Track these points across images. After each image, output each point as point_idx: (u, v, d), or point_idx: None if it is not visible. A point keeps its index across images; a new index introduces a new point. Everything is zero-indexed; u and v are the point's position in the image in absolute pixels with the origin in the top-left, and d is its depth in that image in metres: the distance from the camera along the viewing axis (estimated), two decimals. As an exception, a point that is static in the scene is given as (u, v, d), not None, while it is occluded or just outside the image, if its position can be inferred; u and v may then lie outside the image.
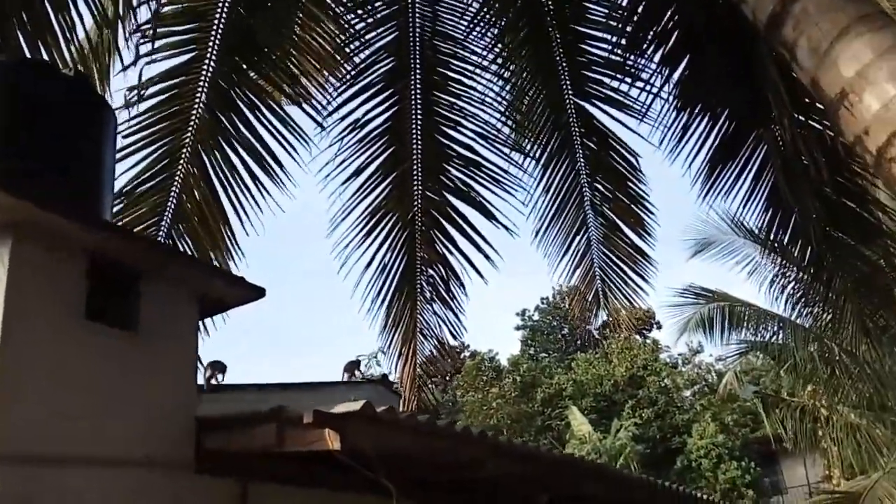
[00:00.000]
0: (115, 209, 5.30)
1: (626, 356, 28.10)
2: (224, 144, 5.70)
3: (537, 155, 7.20)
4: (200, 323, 3.97)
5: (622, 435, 19.94)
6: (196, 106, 5.59)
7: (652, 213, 7.44)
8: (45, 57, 4.36)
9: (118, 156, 5.32)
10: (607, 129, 7.10)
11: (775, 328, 13.70)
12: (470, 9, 6.40)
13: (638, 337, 33.51)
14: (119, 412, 3.11)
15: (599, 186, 7.50)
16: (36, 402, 2.87)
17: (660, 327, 32.09)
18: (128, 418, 3.13)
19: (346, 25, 5.90)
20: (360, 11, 5.89)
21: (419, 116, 6.42)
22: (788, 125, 5.58)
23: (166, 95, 5.45)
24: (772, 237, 6.31)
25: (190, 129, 5.61)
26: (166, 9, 5.19)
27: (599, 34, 6.71)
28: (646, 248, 7.60)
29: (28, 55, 4.32)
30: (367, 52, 6.04)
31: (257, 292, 3.67)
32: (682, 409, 25.77)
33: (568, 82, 7.00)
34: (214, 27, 5.51)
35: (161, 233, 5.72)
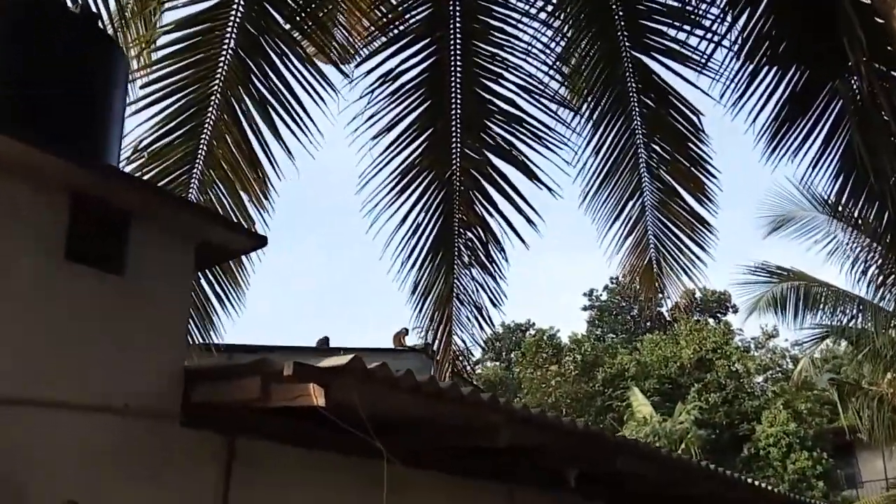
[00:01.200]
0: (140, 160, 5.19)
1: (694, 338, 27.14)
2: (254, 91, 5.48)
3: (588, 112, 6.71)
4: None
5: (684, 418, 19.21)
6: (224, 53, 5.38)
7: (714, 177, 6.87)
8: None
9: (142, 104, 5.23)
10: (667, 84, 6.55)
11: (854, 311, 12.79)
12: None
13: (711, 320, 32.42)
14: (99, 358, 2.92)
15: (657, 147, 6.96)
16: (7, 344, 2.70)
17: (735, 311, 30.89)
18: (108, 365, 2.94)
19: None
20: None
21: (458, 68, 6.02)
22: (866, 75, 4.97)
23: (191, 42, 5.25)
24: (843, 202, 5.68)
25: (218, 76, 5.41)
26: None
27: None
28: (706, 216, 7.05)
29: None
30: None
31: (258, 240, 3.44)
32: (753, 395, 24.73)
33: (625, 32, 6.47)
34: (242, -28, 5.27)
35: (193, 181, 5.57)
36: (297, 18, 5.54)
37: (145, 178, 5.11)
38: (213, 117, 5.43)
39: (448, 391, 3.35)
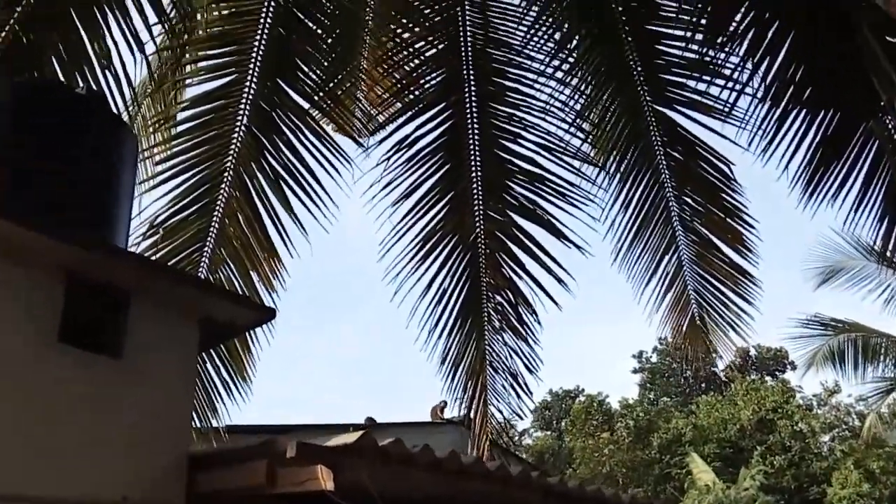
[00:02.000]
0: (155, 237, 5.17)
1: (752, 398, 25.99)
2: (267, 167, 5.47)
3: (613, 168, 6.56)
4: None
5: (749, 484, 18.17)
6: (237, 129, 5.41)
7: (752, 227, 6.60)
8: (82, 84, 4.30)
9: (156, 181, 5.25)
10: (693, 135, 6.40)
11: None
12: (527, 16, 5.96)
13: (769, 378, 31.18)
14: (93, 448, 2.76)
15: (689, 200, 6.74)
16: (-4, 435, 2.56)
17: (794, 367, 29.65)
18: (103, 455, 2.77)
19: (389, 38, 5.59)
20: (404, 21, 5.56)
21: (476, 130, 5.96)
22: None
23: (204, 119, 5.30)
24: (890, 246, 5.34)
25: (231, 152, 5.42)
26: (201, 33, 5.04)
27: (677, 31, 6.10)
28: (748, 267, 6.75)
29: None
30: (413, 63, 5.68)
31: (267, 313, 3.30)
32: (820, 456, 23.36)
33: (645, 87, 6.37)
34: (254, 49, 5.34)
35: (204, 257, 5.52)
36: (311, 92, 5.57)
37: (159, 254, 5.08)
38: (225, 194, 5.42)
39: (472, 467, 3.10)
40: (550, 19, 6.03)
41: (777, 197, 6.47)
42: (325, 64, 5.63)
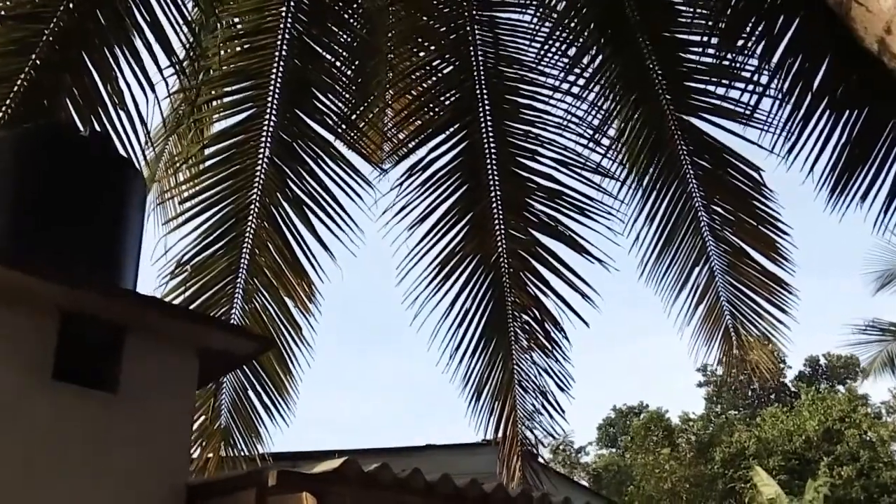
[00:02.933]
0: (183, 274, 5.31)
1: (818, 408, 25.05)
2: (291, 195, 5.59)
3: (637, 180, 6.46)
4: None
5: (811, 496, 17.46)
6: (260, 161, 5.54)
7: (786, 233, 6.41)
8: (98, 128, 4.48)
9: (182, 219, 5.40)
10: (720, 142, 6.27)
11: None
12: (540, 32, 5.95)
13: (840, 387, 30.05)
14: (88, 484, 2.83)
15: (718, 208, 6.59)
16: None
17: (866, 376, 28.44)
18: (99, 491, 2.84)
19: (403, 60, 5.65)
20: (419, 41, 5.62)
21: (493, 149, 5.96)
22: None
23: (226, 154, 5.44)
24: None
25: (256, 184, 5.55)
26: (218, 71, 5.20)
27: (695, 37, 6.01)
28: (782, 275, 6.54)
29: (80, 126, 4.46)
30: (426, 84, 5.73)
31: (264, 343, 3.36)
32: (891, 465, 22.30)
33: (667, 95, 6.27)
34: (272, 83, 5.48)
35: (237, 289, 5.65)
36: (331, 122, 5.67)
37: (189, 291, 5.22)
38: (253, 225, 5.55)
39: (468, 490, 3.07)
40: (564, 34, 6.01)
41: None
42: (346, 95, 5.73)
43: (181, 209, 5.35)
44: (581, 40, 6.03)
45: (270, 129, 5.51)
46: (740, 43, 5.37)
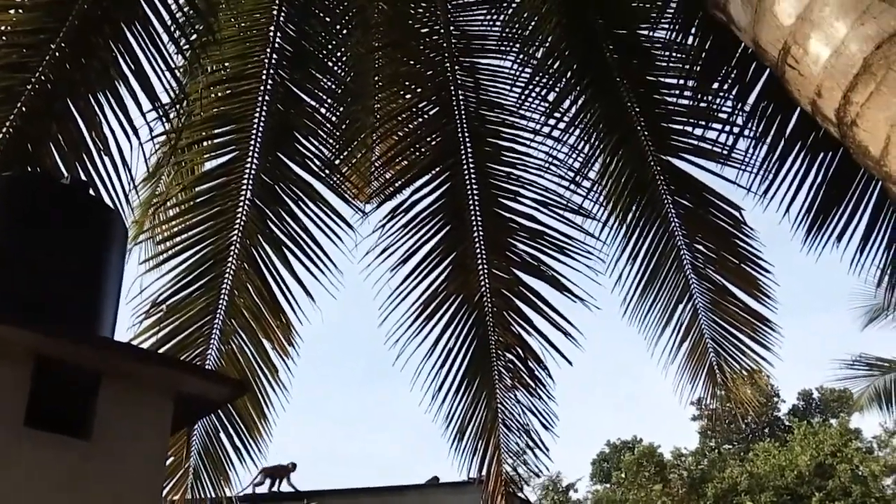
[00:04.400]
0: (158, 314, 5.31)
1: (810, 442, 24.94)
2: (272, 237, 5.62)
3: (619, 219, 6.54)
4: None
5: (804, 534, 17.30)
6: (241, 203, 5.58)
7: (767, 271, 6.49)
8: (83, 175, 4.51)
9: (160, 259, 5.42)
10: (701, 182, 6.36)
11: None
12: (521, 78, 6.06)
13: (833, 421, 29.94)
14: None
15: (700, 247, 6.67)
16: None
17: (858, 409, 28.34)
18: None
19: (384, 105, 5.74)
20: (394, 89, 5.72)
21: (475, 190, 6.03)
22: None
23: (207, 196, 5.49)
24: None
25: (237, 225, 5.59)
26: (198, 116, 5.26)
27: (674, 80, 6.13)
28: (764, 312, 6.60)
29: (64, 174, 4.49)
30: (408, 128, 5.81)
31: (239, 388, 3.35)
32: (883, 500, 22.17)
33: (647, 137, 6.38)
34: (254, 127, 5.55)
35: (214, 330, 5.65)
36: (311, 164, 5.72)
37: (164, 331, 5.21)
38: (233, 266, 5.56)
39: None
40: (544, 80, 6.12)
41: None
42: (328, 139, 5.80)
43: (160, 249, 5.37)
44: (561, 85, 6.15)
45: (252, 171, 5.56)
46: (715, 86, 5.50)
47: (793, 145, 5.30)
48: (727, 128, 5.72)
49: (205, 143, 5.54)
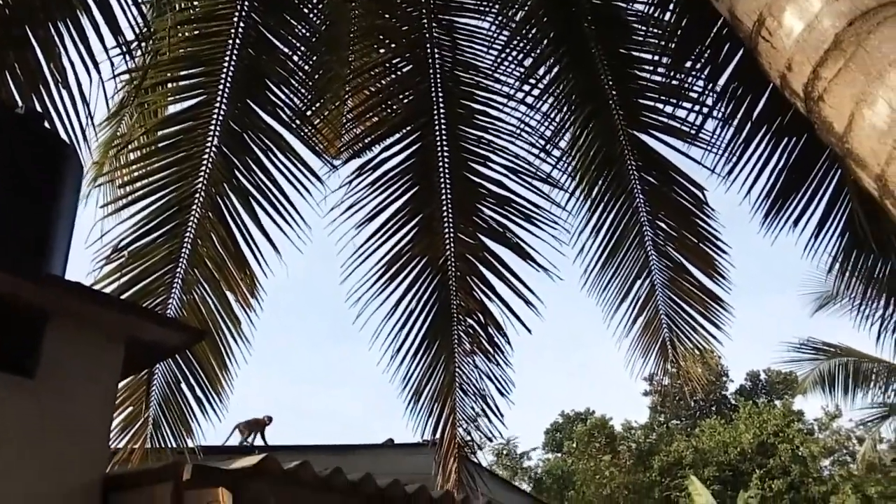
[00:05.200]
0: (120, 260, 5.20)
1: (754, 422, 25.75)
2: (239, 187, 5.52)
3: (586, 191, 6.57)
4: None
5: (743, 508, 17.97)
6: (208, 150, 5.46)
7: (724, 252, 6.60)
8: (39, 108, 4.35)
9: (122, 203, 5.30)
10: (667, 160, 6.41)
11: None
12: (498, 40, 6.00)
13: (778, 402, 30.86)
14: (4, 470, 2.77)
15: (662, 224, 6.74)
16: None
17: (804, 392, 29.22)
18: (15, 478, 2.78)
19: (358, 58, 5.64)
20: (369, 42, 5.62)
21: (446, 152, 5.99)
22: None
23: (172, 141, 5.35)
24: (847, 272, 5.31)
25: (202, 173, 5.47)
26: (164, 56, 5.10)
27: (648, 56, 6.14)
28: (718, 292, 6.74)
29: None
30: (381, 83, 5.73)
31: (194, 334, 3.32)
32: (819, 480, 23.06)
33: (620, 111, 6.39)
34: (224, 71, 5.41)
35: (176, 279, 5.57)
36: (282, 114, 5.62)
37: (125, 277, 5.12)
38: (197, 215, 5.46)
39: (389, 491, 3.10)
40: (521, 44, 6.07)
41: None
42: (300, 89, 5.69)
43: (121, 193, 5.24)
44: (538, 51, 6.10)
45: (220, 117, 5.43)
46: (689, 65, 5.52)
47: (759, 128, 5.36)
48: (697, 107, 5.74)
49: (171, 85, 5.39)
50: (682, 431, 30.14)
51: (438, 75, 5.82)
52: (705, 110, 5.62)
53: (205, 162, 5.49)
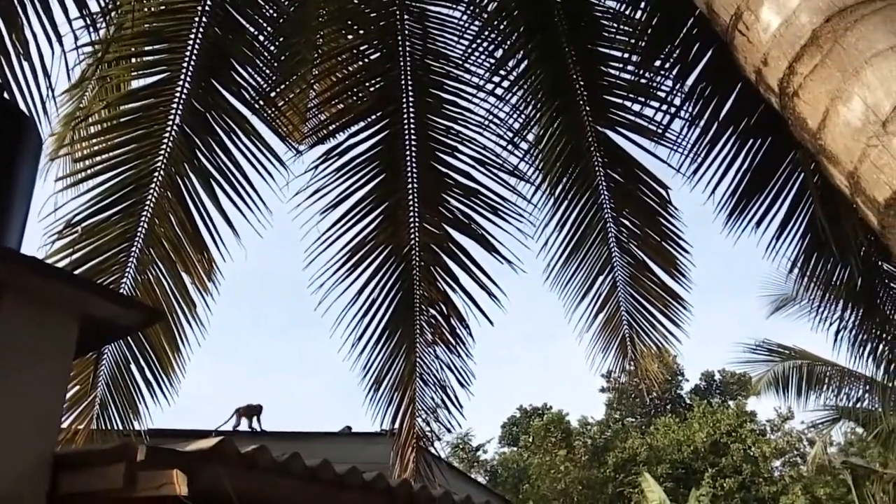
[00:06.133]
0: (72, 236, 5.05)
1: (708, 421, 26.26)
2: (199, 167, 5.41)
3: (551, 186, 6.59)
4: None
5: (693, 505, 18.32)
6: (169, 128, 5.34)
7: (686, 251, 6.68)
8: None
9: (77, 178, 5.15)
10: (633, 158, 6.45)
11: (860, 392, 12.29)
12: (469, 30, 5.97)
13: (732, 403, 31.52)
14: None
15: (626, 221, 6.79)
16: None
17: (757, 394, 29.88)
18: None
19: (328, 41, 5.56)
20: (337, 27, 5.54)
21: (413, 141, 5.95)
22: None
23: (132, 117, 5.22)
24: (808, 274, 5.42)
25: (162, 151, 5.35)
26: (128, 30, 4.96)
27: (617, 53, 6.17)
28: (679, 290, 6.82)
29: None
30: (350, 68, 5.66)
31: (149, 314, 3.23)
32: (770, 481, 23.64)
33: (587, 107, 6.42)
34: (188, 48, 5.28)
35: (131, 258, 5.44)
36: (248, 97, 5.52)
37: (78, 254, 4.97)
38: (155, 194, 5.34)
39: (347, 478, 3.06)
40: (493, 35, 6.05)
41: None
42: (266, 70, 5.59)
43: (78, 167, 5.09)
44: (509, 43, 6.09)
45: (183, 96, 5.31)
46: (658, 63, 5.57)
47: (725, 129, 5.43)
48: (664, 107, 5.79)
49: (134, 60, 5.25)
50: (637, 429, 30.62)
51: (409, 63, 5.77)
52: (672, 110, 5.69)
53: (165, 140, 5.36)
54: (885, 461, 13.54)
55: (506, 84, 6.16)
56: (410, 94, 5.83)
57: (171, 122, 5.30)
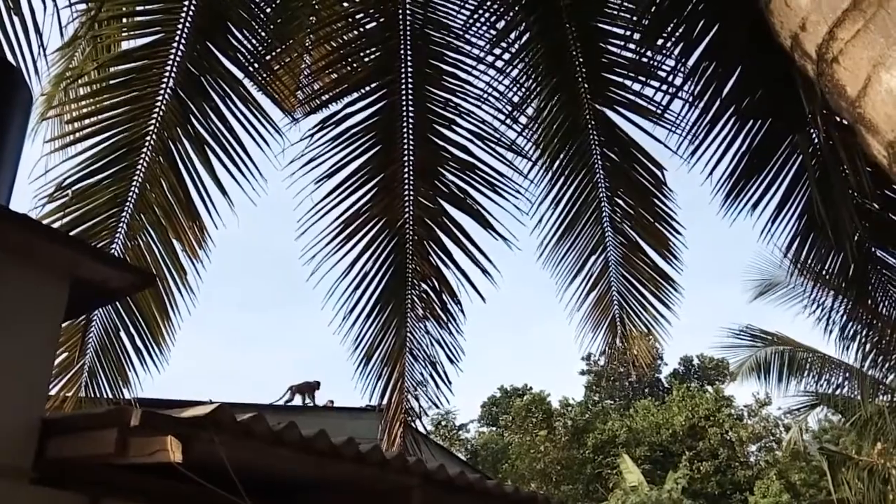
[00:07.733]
0: (63, 199, 4.93)
1: (686, 405, 26.55)
2: (193, 132, 5.28)
3: (548, 163, 6.52)
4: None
5: (671, 486, 18.54)
6: (162, 91, 5.20)
7: (679, 233, 6.66)
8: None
9: (68, 140, 5.02)
10: (630, 137, 6.40)
11: (840, 379, 12.43)
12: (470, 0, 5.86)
13: (709, 387, 31.86)
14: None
15: (620, 201, 6.75)
16: None
17: (734, 379, 30.23)
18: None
19: (327, 6, 5.43)
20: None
21: (410, 113, 5.85)
22: (823, 125, 4.76)
23: (125, 79, 5.08)
24: (802, 258, 5.42)
25: (154, 115, 5.22)
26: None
27: (619, 30, 6.08)
28: (670, 272, 6.81)
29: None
30: (349, 35, 5.54)
31: (142, 277, 3.15)
32: (746, 465, 24.00)
33: (586, 84, 6.34)
34: (184, 10, 5.14)
35: (121, 223, 5.33)
36: (244, 61, 5.39)
37: (68, 218, 4.86)
38: (147, 158, 5.22)
39: (343, 448, 3.02)
40: (494, 6, 5.95)
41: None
42: (262, 34, 5.46)
43: (69, 129, 4.95)
44: (510, 15, 5.99)
45: (177, 58, 5.17)
46: (660, 42, 5.49)
47: (726, 109, 5.39)
48: (664, 87, 5.72)
49: (127, 20, 5.09)
50: (617, 411, 30.92)
51: (408, 32, 5.65)
52: (672, 90, 5.63)
53: (158, 103, 5.23)
54: (858, 448, 13.73)
55: (506, 57, 6.06)
56: (410, 64, 5.72)
57: (164, 85, 5.17)
